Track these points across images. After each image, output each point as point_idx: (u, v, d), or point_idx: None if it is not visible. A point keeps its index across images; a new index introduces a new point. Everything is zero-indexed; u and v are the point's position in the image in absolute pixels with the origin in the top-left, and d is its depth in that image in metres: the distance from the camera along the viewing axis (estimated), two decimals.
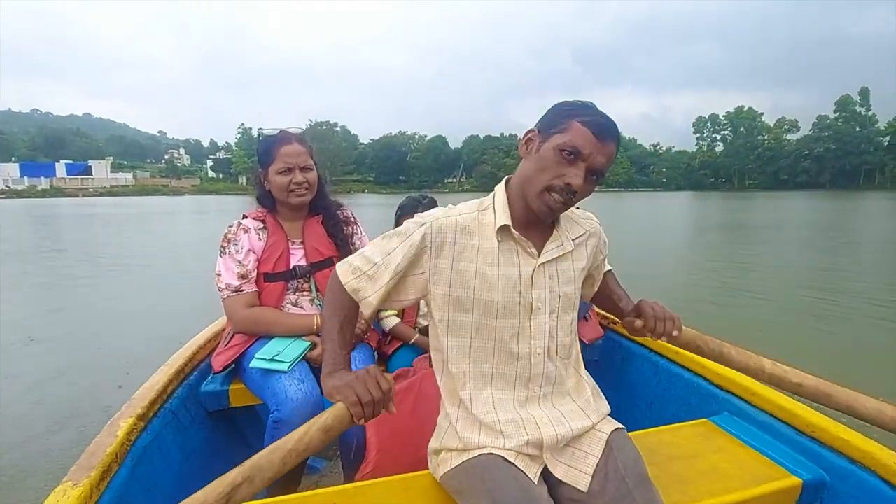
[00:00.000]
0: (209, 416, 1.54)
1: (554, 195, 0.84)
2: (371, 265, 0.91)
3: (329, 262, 1.56)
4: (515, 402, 0.91)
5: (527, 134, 0.87)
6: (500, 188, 0.93)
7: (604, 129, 0.81)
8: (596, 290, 1.11)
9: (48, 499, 0.85)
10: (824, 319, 4.75)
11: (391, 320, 1.77)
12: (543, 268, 0.90)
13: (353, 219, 1.68)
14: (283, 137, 1.50)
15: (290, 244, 1.54)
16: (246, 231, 1.50)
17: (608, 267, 1.13)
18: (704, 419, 1.30)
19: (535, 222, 0.91)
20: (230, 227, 1.51)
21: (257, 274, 1.49)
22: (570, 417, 0.92)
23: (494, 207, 0.91)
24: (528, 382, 0.91)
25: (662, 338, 1.01)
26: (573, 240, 0.94)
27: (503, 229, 0.88)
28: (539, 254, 0.90)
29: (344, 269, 0.95)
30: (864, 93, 77.02)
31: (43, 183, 72.96)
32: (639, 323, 1.01)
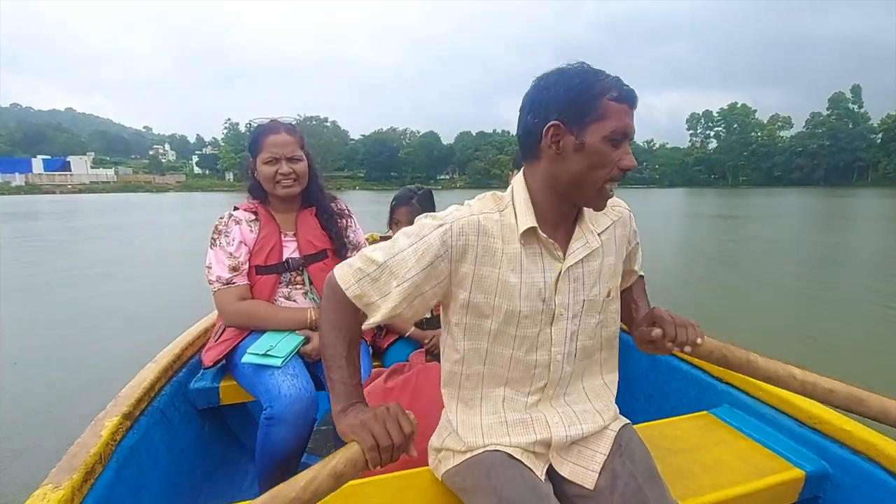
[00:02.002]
0: (199, 413, 1.50)
1: (611, 184, 0.78)
2: (374, 266, 0.78)
3: (323, 255, 1.53)
4: (528, 402, 0.87)
5: (549, 129, 0.75)
6: (519, 186, 0.82)
7: (634, 96, 0.76)
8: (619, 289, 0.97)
9: (26, 503, 0.80)
10: None
11: None
12: (569, 271, 0.82)
13: (347, 211, 1.65)
14: (271, 127, 1.47)
15: (282, 236, 1.51)
16: (237, 222, 1.46)
17: (640, 271, 1.02)
18: (705, 411, 1.29)
19: (562, 221, 0.83)
20: (221, 218, 1.47)
21: (249, 267, 1.45)
22: (584, 418, 0.88)
23: (515, 207, 0.81)
24: (545, 387, 0.87)
25: (685, 348, 0.88)
26: (599, 234, 0.85)
27: (529, 232, 0.79)
28: (564, 255, 0.82)
29: (343, 272, 0.81)
30: (857, 90, 77.07)
31: (17, 179, 70.33)
32: (657, 332, 0.87)
